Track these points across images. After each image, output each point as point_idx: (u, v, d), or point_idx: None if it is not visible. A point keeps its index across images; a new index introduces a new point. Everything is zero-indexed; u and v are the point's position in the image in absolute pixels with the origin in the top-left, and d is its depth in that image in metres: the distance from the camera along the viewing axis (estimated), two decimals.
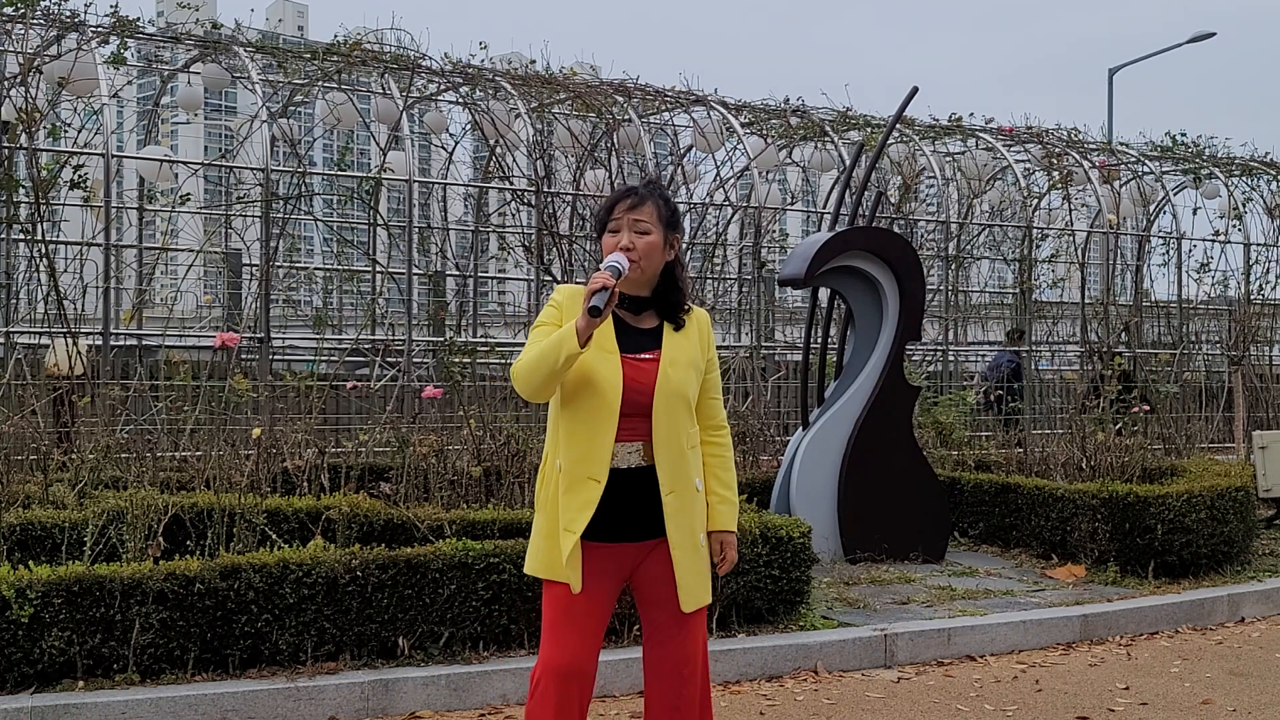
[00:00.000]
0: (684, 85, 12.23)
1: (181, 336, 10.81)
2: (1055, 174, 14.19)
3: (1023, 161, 14.52)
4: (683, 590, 3.45)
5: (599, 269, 3.36)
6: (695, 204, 12.64)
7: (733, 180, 12.72)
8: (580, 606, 3.43)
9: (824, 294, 9.29)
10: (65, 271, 9.57)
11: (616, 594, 3.53)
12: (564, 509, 3.39)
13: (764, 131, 13.21)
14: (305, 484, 6.72)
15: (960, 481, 9.13)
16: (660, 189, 3.58)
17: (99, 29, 9.85)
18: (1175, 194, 15.73)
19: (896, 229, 12.89)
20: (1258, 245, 15.60)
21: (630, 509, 3.43)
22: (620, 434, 3.39)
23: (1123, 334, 14.40)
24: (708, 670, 3.61)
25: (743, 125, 12.67)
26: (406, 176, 10.98)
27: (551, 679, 3.41)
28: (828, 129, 13.04)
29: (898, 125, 11.00)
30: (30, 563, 5.14)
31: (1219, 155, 15.51)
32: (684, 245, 3.63)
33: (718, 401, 3.65)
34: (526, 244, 11.83)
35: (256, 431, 6.68)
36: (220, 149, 16.52)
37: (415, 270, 11.61)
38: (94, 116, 9.56)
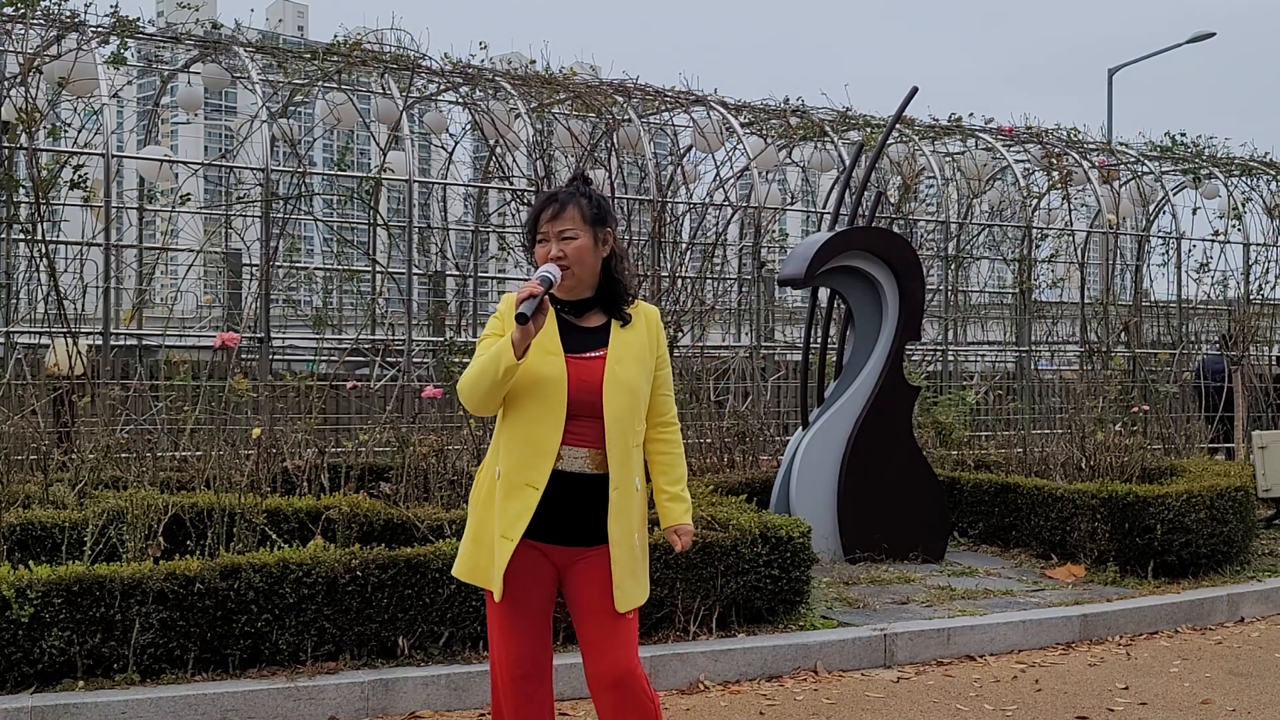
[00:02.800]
0: (684, 85, 12.22)
1: (181, 336, 10.81)
2: (1055, 174, 14.19)
3: (1022, 161, 14.50)
4: (618, 590, 3.40)
5: (530, 278, 3.36)
6: (695, 204, 12.63)
7: (732, 180, 12.71)
8: (521, 606, 3.41)
9: (824, 294, 9.29)
10: (65, 271, 9.57)
11: (553, 592, 3.50)
12: (501, 514, 3.36)
13: (764, 131, 13.21)
14: (305, 484, 6.72)
15: (960, 481, 9.13)
16: (583, 186, 3.53)
17: (99, 29, 9.84)
18: (1175, 194, 15.72)
19: (896, 229, 12.88)
20: (1257, 245, 15.59)
21: (569, 513, 3.39)
22: (568, 437, 3.36)
23: (1122, 334, 14.40)
24: (648, 682, 3.49)
25: (742, 125, 12.66)
26: (406, 176, 10.97)
27: (506, 679, 3.43)
28: (827, 129, 13.04)
29: (897, 125, 11.00)
30: (30, 563, 5.14)
31: (1218, 155, 15.50)
32: (619, 243, 3.60)
33: (669, 398, 3.61)
34: (526, 244, 11.83)
35: (256, 431, 6.68)
36: (220, 149, 16.51)
37: (415, 270, 11.61)
38: (94, 116, 9.56)
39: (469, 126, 12.73)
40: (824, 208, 14.53)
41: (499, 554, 3.35)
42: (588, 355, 3.42)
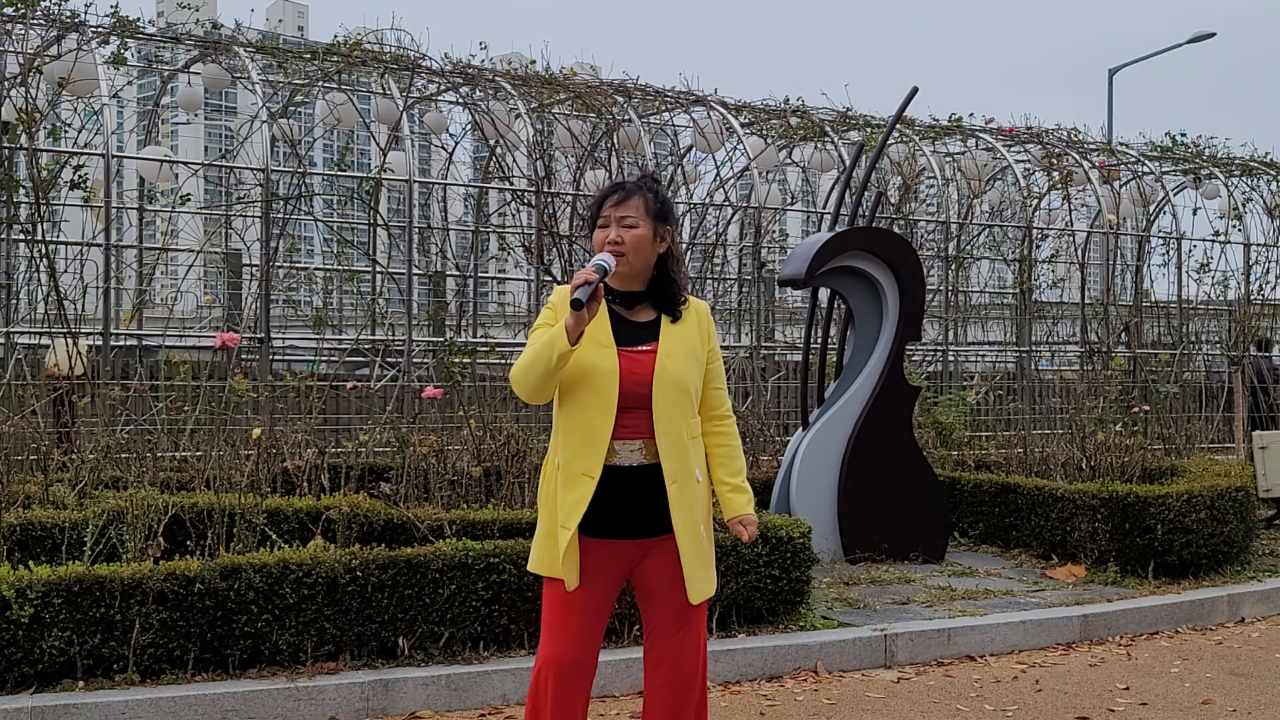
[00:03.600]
0: (684, 85, 12.22)
1: (181, 336, 10.82)
2: (1055, 174, 14.19)
3: (1023, 162, 14.51)
4: (689, 582, 3.46)
5: (585, 266, 3.37)
6: (695, 204, 12.64)
7: (733, 180, 12.71)
8: (579, 602, 3.44)
9: (824, 294, 9.29)
10: (65, 272, 9.57)
11: (616, 591, 3.54)
12: (560, 506, 3.41)
13: (764, 132, 13.21)
14: (305, 484, 6.72)
15: (960, 481, 9.13)
16: (651, 182, 3.58)
17: (99, 29, 9.84)
18: (1175, 194, 15.72)
19: (896, 229, 12.88)
20: (1257, 245, 15.59)
21: (630, 506, 3.43)
22: (620, 430, 3.39)
23: (1122, 334, 14.40)
24: (706, 673, 3.61)
25: (743, 125, 12.66)
26: (406, 177, 10.98)
27: (551, 672, 3.44)
28: (828, 129, 13.04)
29: (898, 125, 11.00)
30: (30, 563, 5.14)
31: (1219, 155, 15.50)
32: (680, 239, 3.64)
33: (722, 391, 3.65)
34: (526, 244, 11.83)
35: (256, 431, 6.68)
36: (220, 149, 16.51)
37: (415, 270, 11.61)
38: (94, 117, 9.56)
39: (469, 127, 12.73)
40: (824, 208, 14.54)
41: (560, 544, 3.39)
42: (639, 349, 3.46)
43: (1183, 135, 15.42)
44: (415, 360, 10.87)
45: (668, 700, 3.53)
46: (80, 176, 9.23)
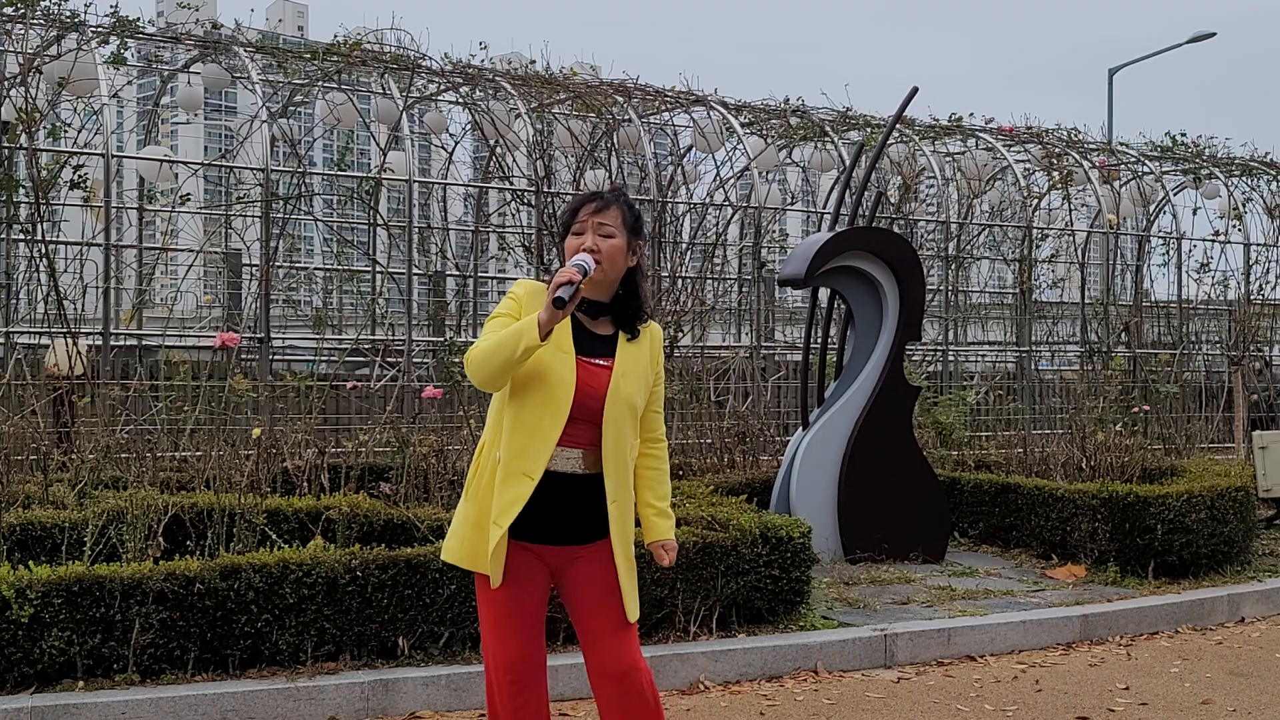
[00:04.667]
0: (684, 85, 12.23)
1: (181, 336, 10.81)
2: (1055, 174, 14.19)
3: (1023, 161, 14.51)
4: (628, 600, 3.47)
5: (564, 267, 3.36)
6: (695, 204, 12.64)
7: (733, 180, 12.71)
8: (515, 603, 3.43)
9: (824, 294, 9.29)
10: (65, 271, 9.57)
11: (548, 590, 3.53)
12: (496, 501, 3.38)
13: (764, 131, 13.21)
14: (305, 484, 6.72)
15: (960, 481, 9.13)
16: (626, 196, 3.60)
17: (99, 29, 9.84)
18: (1175, 194, 15.73)
19: (896, 229, 12.87)
20: (1258, 245, 15.59)
21: (560, 513, 3.43)
22: (564, 438, 3.38)
23: (1122, 334, 14.40)
24: (651, 678, 3.54)
25: (743, 125, 12.67)
26: (406, 177, 10.98)
27: (503, 674, 3.44)
28: (828, 129, 13.04)
29: (898, 125, 11.00)
30: (30, 563, 5.14)
31: (1219, 155, 15.50)
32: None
33: (659, 415, 3.66)
34: (526, 244, 11.83)
35: (256, 431, 6.68)
36: (220, 149, 16.51)
37: (415, 270, 11.61)
38: (94, 116, 9.56)
39: (469, 126, 12.73)
40: (824, 208, 14.54)
41: (491, 540, 3.37)
42: (596, 362, 3.45)
43: (1183, 135, 15.43)
44: (415, 360, 10.87)
45: (622, 707, 3.47)
46: (80, 176, 9.24)
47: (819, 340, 9.00)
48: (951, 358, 13.89)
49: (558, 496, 3.41)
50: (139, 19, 10.22)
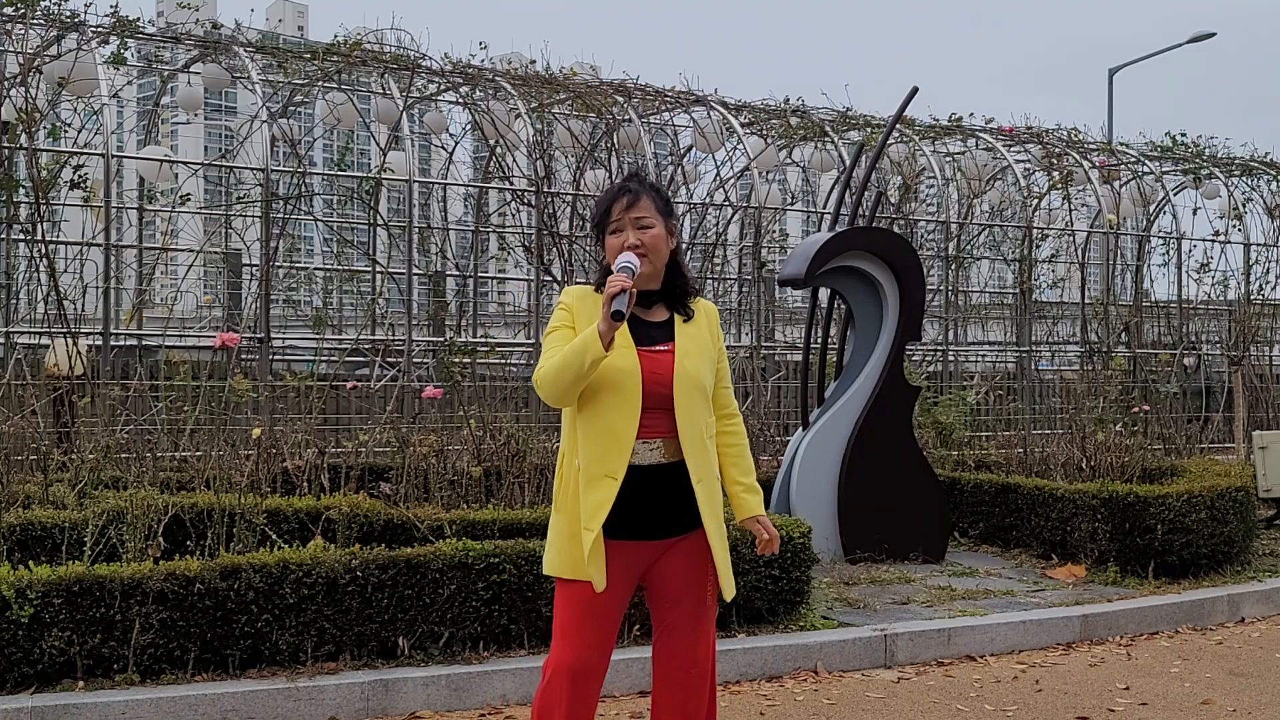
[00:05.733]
0: (684, 85, 12.23)
1: (181, 336, 10.82)
2: (1055, 174, 14.19)
3: (1023, 162, 14.51)
4: (724, 579, 3.49)
5: (612, 271, 3.36)
6: (695, 204, 12.64)
7: (733, 180, 12.72)
8: (597, 606, 3.43)
9: (824, 294, 9.29)
10: (65, 271, 9.57)
11: (631, 593, 3.54)
12: (583, 507, 3.39)
13: (764, 131, 13.21)
14: (305, 484, 6.72)
15: (960, 481, 9.13)
16: (649, 181, 3.60)
17: (99, 29, 9.84)
18: (1175, 194, 15.73)
19: (896, 229, 12.88)
20: (1258, 245, 15.60)
21: (650, 506, 3.44)
22: (641, 430, 3.40)
23: (1123, 334, 14.40)
24: (715, 674, 3.61)
25: (743, 125, 12.67)
26: (406, 177, 10.98)
27: (565, 677, 3.42)
28: (828, 129, 13.04)
29: (898, 125, 11.00)
30: (30, 563, 5.14)
31: (1219, 155, 15.51)
32: (680, 236, 3.66)
33: (729, 390, 3.67)
34: (526, 244, 11.83)
35: (256, 431, 6.68)
36: (220, 149, 16.50)
37: (415, 270, 11.61)
38: (94, 116, 9.56)
39: (469, 126, 12.74)
40: (824, 208, 14.54)
41: (585, 545, 3.37)
42: (656, 349, 3.46)
43: (1183, 135, 15.43)
44: (415, 360, 10.87)
45: (679, 700, 3.53)
46: (80, 176, 9.23)
47: (819, 340, 9.00)
48: (951, 358, 13.89)
49: (646, 490, 3.42)
50: (139, 19, 10.23)
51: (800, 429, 8.66)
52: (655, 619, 3.58)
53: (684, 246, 3.94)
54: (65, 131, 9.56)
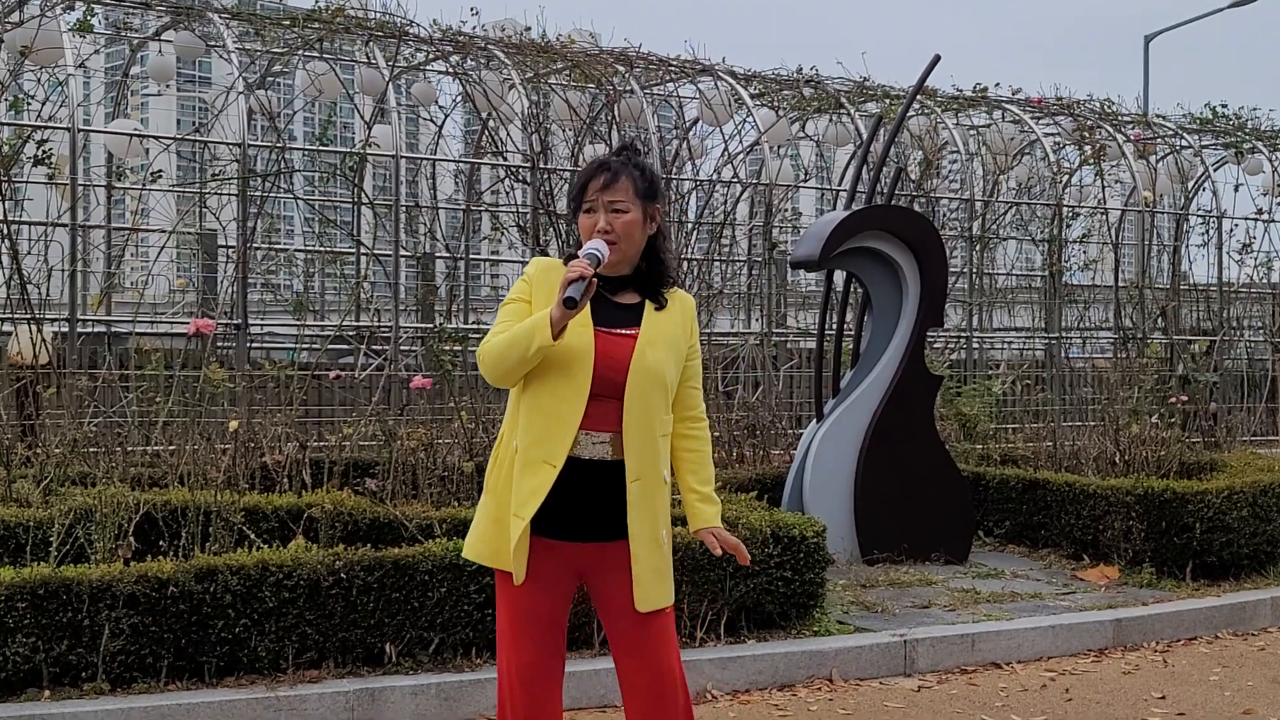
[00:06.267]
0: (689, 54, 12.19)
1: (153, 323, 10.81)
2: (1087, 148, 14.16)
3: (1052, 135, 14.48)
4: (639, 588, 3.40)
5: (576, 255, 3.34)
6: (702, 181, 12.62)
7: (742, 155, 12.69)
8: (535, 610, 3.42)
9: (839, 277, 9.28)
10: (29, 254, 9.55)
11: (571, 596, 3.51)
12: (515, 492, 3.36)
13: (775, 103, 13.19)
14: (285, 480, 6.73)
15: (985, 477, 9.13)
16: (635, 158, 3.54)
17: None
18: (1215, 169, 15.67)
19: (917, 207, 12.86)
20: None
21: (589, 505, 3.40)
22: (588, 420, 3.36)
23: (1159, 319, 14.38)
24: (685, 682, 3.55)
25: (752, 97, 12.64)
26: (393, 152, 10.96)
27: (516, 682, 3.43)
28: (843, 100, 13.01)
29: (918, 96, 10.98)
30: None
31: (1262, 128, 15.45)
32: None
33: (698, 391, 3.63)
34: (521, 224, 11.82)
35: (233, 424, 6.68)
36: (194, 122, 16.49)
37: (403, 252, 11.60)
38: (59, 88, 9.54)
39: (460, 98, 12.71)
40: (840, 185, 14.52)
41: (512, 533, 3.35)
42: (618, 332, 3.42)
43: (1223, 106, 15.37)
44: (402, 348, 10.87)
45: (648, 701, 3.47)
46: (44, 152, 9.21)
47: (834, 326, 8.99)
48: (976, 345, 13.88)
49: (586, 487, 3.38)
50: None
51: (814, 421, 8.66)
52: (608, 632, 3.53)
53: (669, 228, 3.90)
54: (28, 104, 9.54)
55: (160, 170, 11.26)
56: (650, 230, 3.51)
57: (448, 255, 13.87)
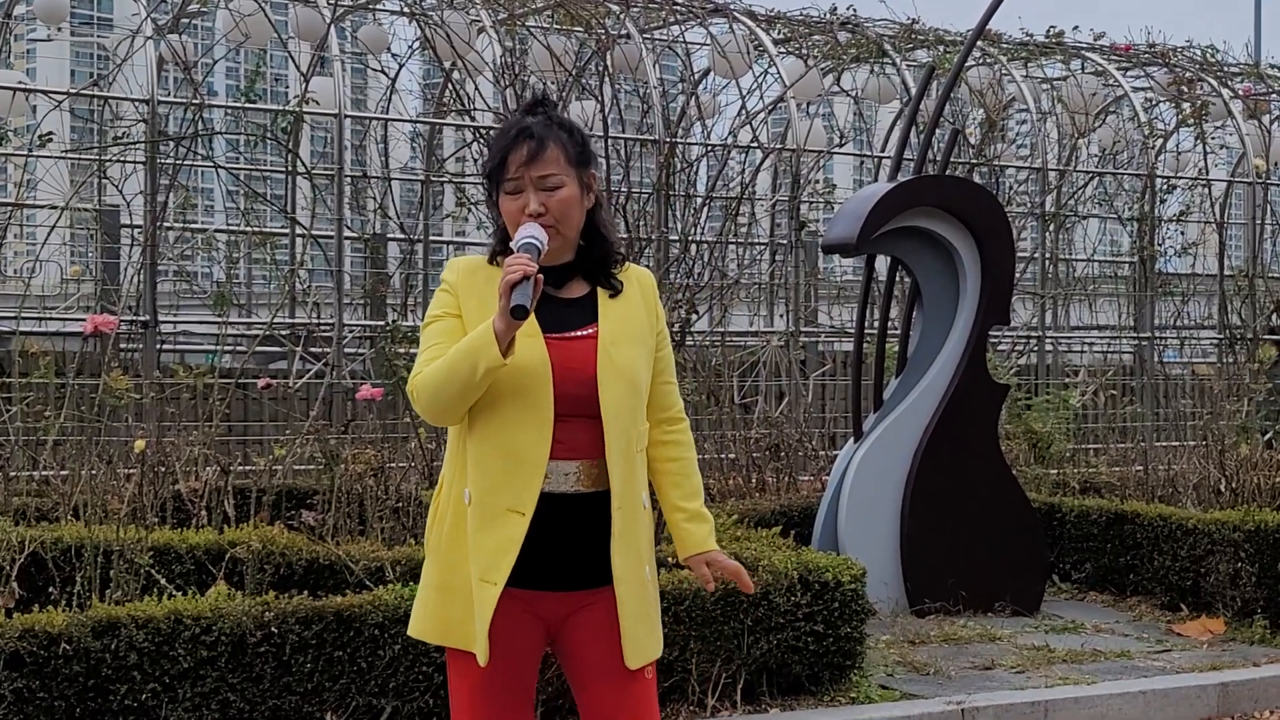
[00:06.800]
0: None
1: (41, 320, 10.80)
2: (1186, 106, 14.18)
3: (1143, 90, 14.50)
4: (629, 642, 3.35)
5: (512, 250, 3.27)
6: (714, 146, 12.64)
7: (763, 115, 12.71)
8: (505, 677, 3.36)
9: (883, 264, 9.29)
10: None
11: (539, 657, 3.47)
12: (477, 552, 3.29)
13: (804, 51, 13.21)
14: (203, 513, 6.73)
15: (1061, 509, 9.14)
16: (557, 115, 3.49)
17: None
18: None
19: (977, 178, 12.86)
20: None
21: (560, 547, 3.34)
22: (555, 448, 3.30)
23: (1273, 316, 14.40)
24: None
25: (776, 43, 12.67)
26: (335, 110, 10.97)
27: None
28: (887, 47, 13.03)
29: (979, 42, 10.99)
30: None
31: None
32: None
33: (673, 386, 3.58)
34: (487, 194, 11.82)
35: (140, 444, 6.67)
36: (91, 74, 16.50)
37: (347, 233, 11.61)
38: None
39: (417, 44, 12.72)
40: (883, 150, 14.54)
41: (479, 604, 3.28)
42: (573, 335, 3.37)
43: None
44: (347, 350, 10.87)
45: None
46: None
47: (876, 324, 8.99)
48: (1050, 347, 13.89)
49: (556, 526, 3.32)
50: None
51: (851, 441, 8.67)
52: (579, 698, 3.47)
53: (700, 203, 3.88)
54: None
55: (50, 132, 11.26)
56: (589, 203, 3.46)
57: (402, 237, 13.88)
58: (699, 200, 12.18)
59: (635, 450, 3.40)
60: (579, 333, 3.38)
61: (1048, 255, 13.90)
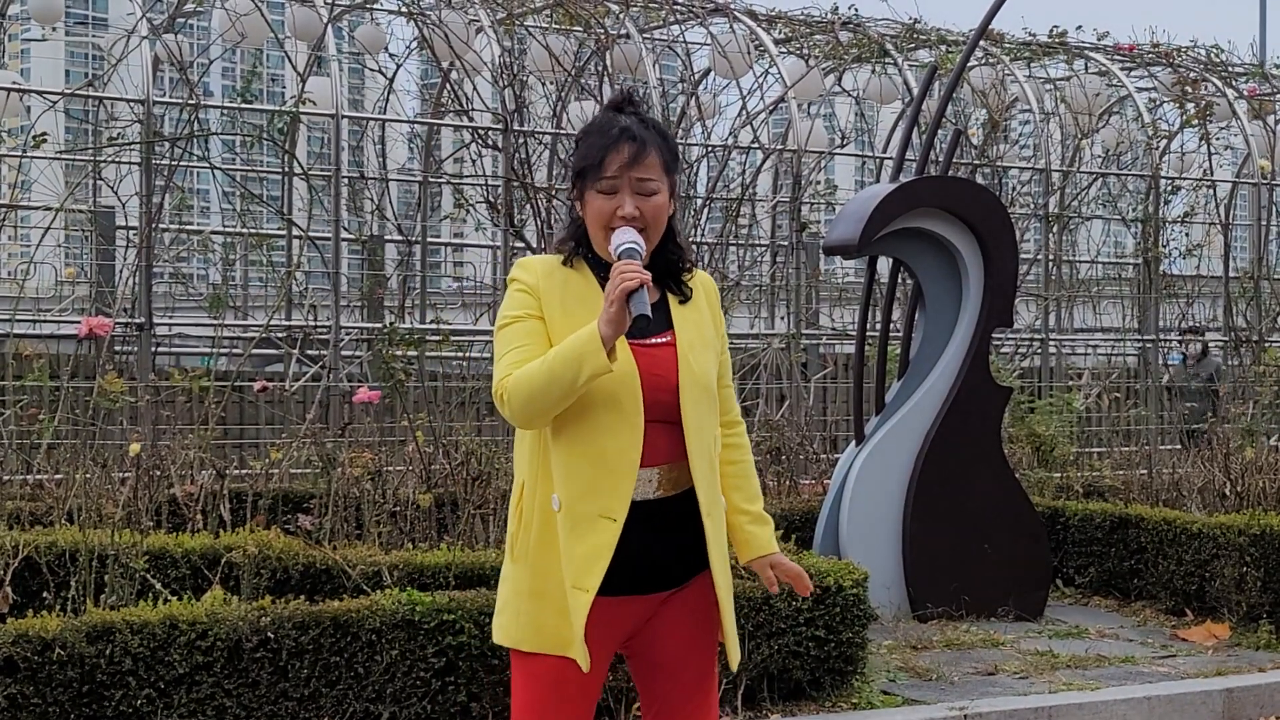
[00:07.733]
0: None
1: (36, 322, 10.81)
2: (1190, 106, 14.18)
3: (1147, 90, 14.50)
4: (730, 641, 3.44)
5: (616, 256, 3.27)
6: (714, 146, 12.64)
7: (764, 115, 12.71)
8: (573, 685, 3.37)
9: (884, 265, 9.29)
10: None
11: (610, 660, 3.51)
12: (568, 560, 3.29)
13: (805, 51, 13.21)
14: (199, 517, 6.73)
15: (1064, 513, 9.14)
16: (647, 116, 3.50)
17: None
18: None
19: (980, 179, 12.87)
20: None
21: (645, 552, 3.37)
22: (643, 456, 3.32)
23: (1278, 318, 14.39)
24: None
25: (777, 42, 12.67)
26: (332, 111, 10.97)
27: None
28: (889, 47, 13.03)
29: (981, 42, 10.99)
30: None
31: None
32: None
33: (731, 390, 3.63)
34: (491, 199, 11.83)
35: (135, 447, 6.68)
36: (87, 74, 16.50)
37: (345, 234, 11.60)
38: None
39: (415, 44, 12.72)
40: (885, 151, 14.54)
41: (575, 610, 3.28)
42: (653, 342, 3.38)
43: None
44: (344, 353, 10.87)
45: None
46: None
47: (877, 327, 8.99)
48: (1053, 349, 13.90)
49: (641, 531, 3.34)
50: None
51: (853, 444, 8.67)
52: (645, 695, 3.54)
53: (701, 204, 3.89)
54: None
55: (45, 133, 11.26)
56: (671, 209, 3.47)
57: (400, 239, 13.88)
58: (699, 201, 12.19)
59: (714, 455, 3.45)
60: (658, 340, 3.40)
61: (1051, 257, 13.92)
